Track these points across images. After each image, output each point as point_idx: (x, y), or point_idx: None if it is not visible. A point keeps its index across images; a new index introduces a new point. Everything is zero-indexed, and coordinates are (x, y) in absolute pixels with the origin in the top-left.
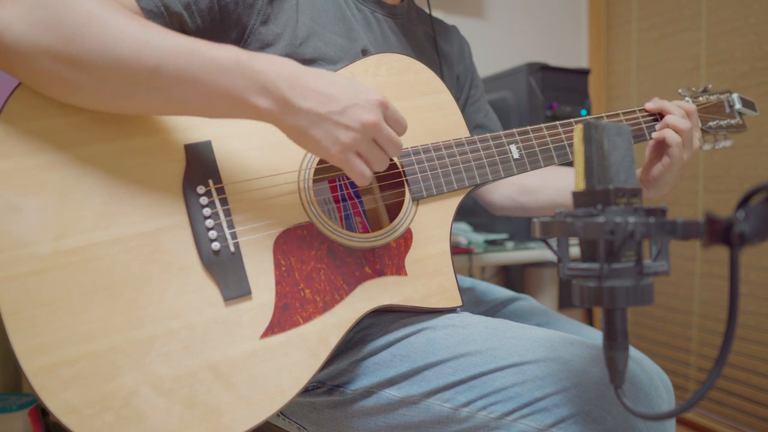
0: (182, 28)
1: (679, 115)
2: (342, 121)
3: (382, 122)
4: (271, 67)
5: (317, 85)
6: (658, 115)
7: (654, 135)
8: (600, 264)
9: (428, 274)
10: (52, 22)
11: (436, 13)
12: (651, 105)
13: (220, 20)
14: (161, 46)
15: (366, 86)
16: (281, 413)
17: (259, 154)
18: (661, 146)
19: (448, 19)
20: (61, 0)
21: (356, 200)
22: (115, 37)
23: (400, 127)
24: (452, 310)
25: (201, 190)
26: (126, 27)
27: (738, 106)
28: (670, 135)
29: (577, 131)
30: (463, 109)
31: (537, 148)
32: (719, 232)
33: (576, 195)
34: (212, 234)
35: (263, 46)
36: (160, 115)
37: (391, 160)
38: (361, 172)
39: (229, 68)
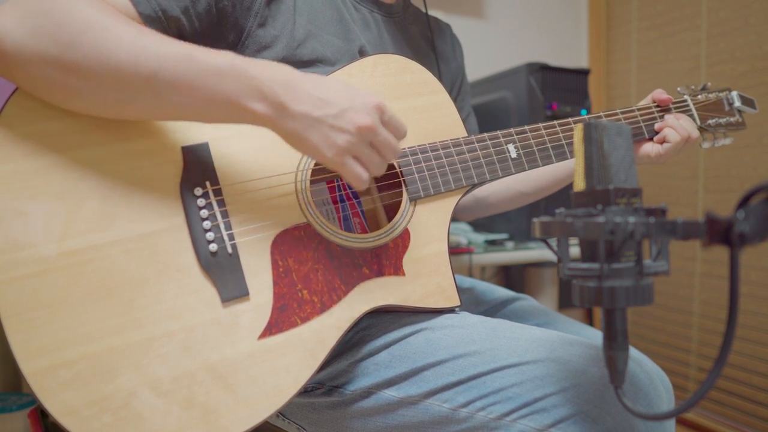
0: (180, 32)
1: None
2: (337, 124)
3: (379, 126)
4: (267, 72)
5: (313, 90)
6: (657, 112)
7: (657, 125)
8: (600, 264)
9: (426, 274)
10: (50, 29)
11: (435, 13)
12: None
13: (218, 23)
14: (158, 53)
15: (363, 90)
16: (280, 414)
17: (256, 155)
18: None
19: (447, 19)
20: (59, 7)
21: (354, 201)
22: (112, 44)
23: (399, 132)
24: (451, 310)
25: (198, 191)
26: (124, 34)
27: (737, 103)
28: (670, 133)
29: (577, 131)
30: None
31: (535, 148)
32: (719, 232)
33: (576, 195)
34: (210, 235)
35: (261, 49)
36: (157, 120)
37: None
38: (358, 175)
39: (226, 73)
